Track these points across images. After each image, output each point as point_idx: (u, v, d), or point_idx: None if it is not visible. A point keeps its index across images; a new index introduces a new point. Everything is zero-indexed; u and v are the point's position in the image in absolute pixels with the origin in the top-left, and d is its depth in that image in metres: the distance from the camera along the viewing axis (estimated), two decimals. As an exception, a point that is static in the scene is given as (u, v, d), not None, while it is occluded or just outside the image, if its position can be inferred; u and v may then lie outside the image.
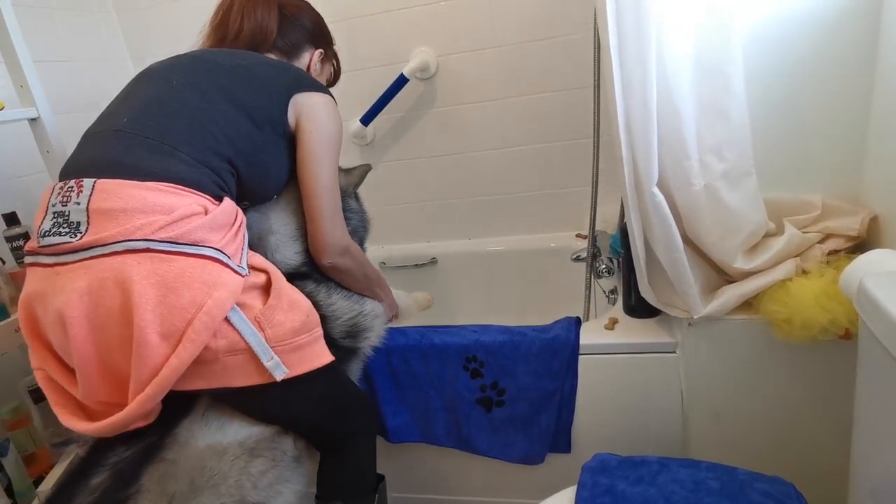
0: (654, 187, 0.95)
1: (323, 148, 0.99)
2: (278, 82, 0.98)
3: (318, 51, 1.16)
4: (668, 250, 0.99)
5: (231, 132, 0.90)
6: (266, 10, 1.08)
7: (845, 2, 0.93)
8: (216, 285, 0.77)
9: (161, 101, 0.89)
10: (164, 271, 0.74)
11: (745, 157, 0.98)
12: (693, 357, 1.08)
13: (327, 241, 0.99)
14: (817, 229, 1.02)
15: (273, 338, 0.83)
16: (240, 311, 0.81)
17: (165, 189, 0.80)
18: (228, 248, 0.83)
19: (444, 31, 1.67)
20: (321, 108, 1.00)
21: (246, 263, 0.87)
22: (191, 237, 0.78)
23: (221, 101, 0.91)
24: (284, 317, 0.85)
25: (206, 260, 0.78)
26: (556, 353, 1.15)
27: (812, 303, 0.93)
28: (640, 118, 0.92)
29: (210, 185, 0.86)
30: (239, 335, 0.80)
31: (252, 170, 0.94)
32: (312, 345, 0.89)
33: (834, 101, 0.99)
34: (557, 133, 1.70)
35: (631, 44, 0.90)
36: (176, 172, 0.82)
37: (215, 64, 0.96)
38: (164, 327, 0.74)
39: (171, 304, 0.74)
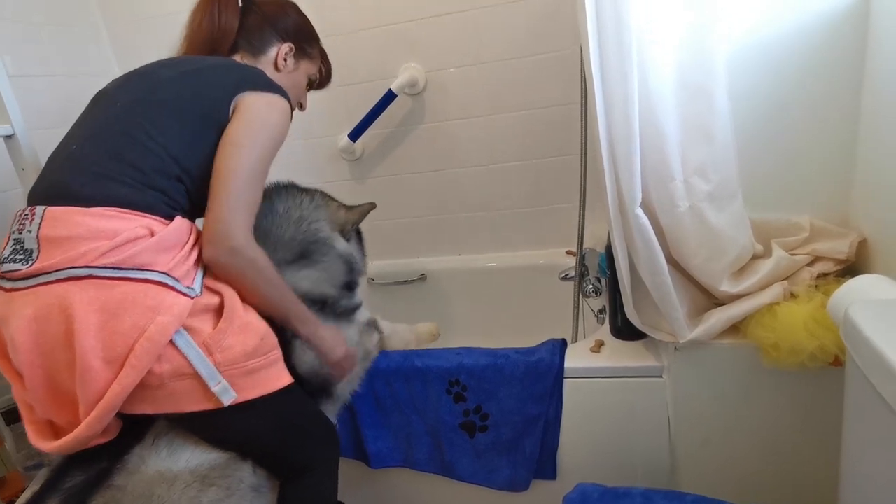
0: (637, 208, 0.93)
1: (247, 132, 0.90)
2: (224, 84, 0.94)
3: (287, 44, 1.09)
4: (653, 273, 0.96)
5: (177, 148, 0.88)
6: (224, 8, 1.04)
7: (832, 22, 0.92)
8: (159, 310, 0.77)
9: (107, 124, 0.90)
10: (106, 297, 0.75)
11: (731, 179, 0.95)
12: (680, 382, 1.06)
13: (217, 230, 0.86)
14: (806, 252, 1.00)
15: (223, 362, 0.81)
16: (187, 334, 0.80)
17: (110, 214, 0.81)
18: (178, 270, 0.82)
19: (433, 47, 1.66)
20: (261, 100, 0.93)
21: (199, 284, 0.85)
22: (135, 261, 0.78)
23: (166, 117, 0.89)
24: (235, 340, 0.83)
25: (149, 284, 0.78)
26: (540, 377, 1.12)
27: (800, 328, 0.91)
28: (623, 138, 0.90)
29: (158, 205, 0.86)
30: (185, 359, 0.79)
31: (201, 183, 0.90)
32: (268, 368, 0.87)
33: (822, 121, 0.98)
34: (547, 149, 1.68)
35: (613, 63, 0.88)
36: (121, 196, 0.83)
37: (161, 77, 0.94)
38: (107, 352, 0.75)
39: (113, 330, 0.75)
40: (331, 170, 1.86)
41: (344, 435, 1.23)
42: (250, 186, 0.90)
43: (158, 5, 1.79)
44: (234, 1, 1.06)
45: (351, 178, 1.88)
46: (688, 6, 0.89)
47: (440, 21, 1.63)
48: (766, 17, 0.93)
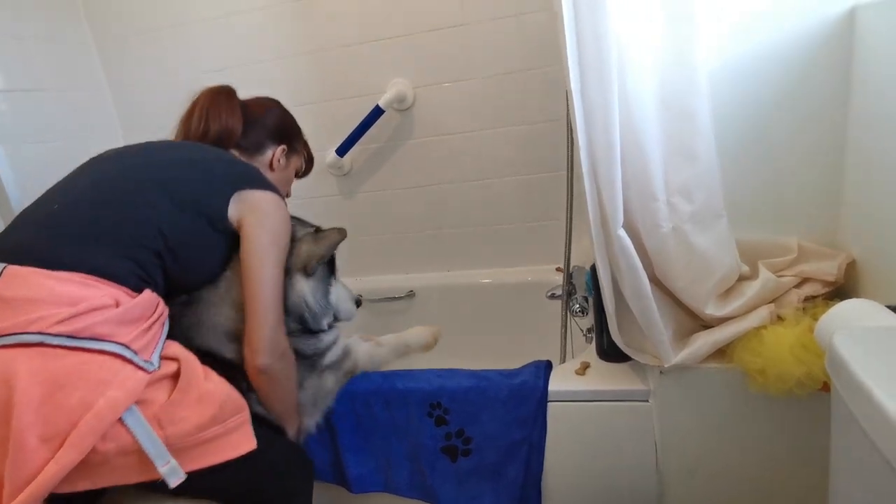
0: (619, 229, 0.91)
1: (266, 246, 0.93)
2: (222, 177, 0.96)
3: (280, 147, 1.16)
4: (637, 296, 0.94)
5: (162, 225, 0.88)
6: (230, 112, 1.09)
7: (816, 40, 0.90)
8: (112, 384, 0.72)
9: (94, 190, 0.90)
10: (53, 367, 0.70)
11: (715, 199, 0.93)
12: (666, 406, 1.03)
13: (267, 343, 0.90)
14: (793, 273, 0.98)
15: (174, 435, 0.76)
16: (137, 411, 0.74)
17: (77, 280, 0.77)
18: (137, 343, 0.78)
19: (423, 63, 1.65)
20: (266, 204, 0.97)
21: (158, 357, 0.81)
22: (93, 331, 0.74)
23: (157, 194, 0.90)
24: (190, 411, 0.78)
25: (105, 356, 0.74)
26: (523, 400, 1.09)
27: (787, 354, 0.88)
28: (605, 159, 0.88)
29: (129, 276, 0.83)
30: (132, 438, 0.73)
31: (183, 264, 0.91)
32: (227, 435, 0.82)
33: (809, 140, 0.96)
34: (536, 165, 1.67)
35: (593, 82, 0.87)
36: (92, 263, 0.80)
37: (161, 155, 0.97)
38: (47, 429, 0.68)
39: (58, 404, 0.69)
40: (319, 185, 1.84)
41: (324, 458, 1.20)
42: (276, 292, 0.93)
43: (146, 21, 1.79)
44: (237, 107, 1.11)
45: (339, 194, 1.86)
46: (668, 25, 0.88)
47: (430, 37, 1.62)
48: (749, 35, 0.92)
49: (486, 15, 1.57)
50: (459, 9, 1.58)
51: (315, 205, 1.87)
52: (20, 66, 1.60)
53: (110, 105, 1.90)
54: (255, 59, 1.76)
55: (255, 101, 1.18)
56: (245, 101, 1.15)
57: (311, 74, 1.74)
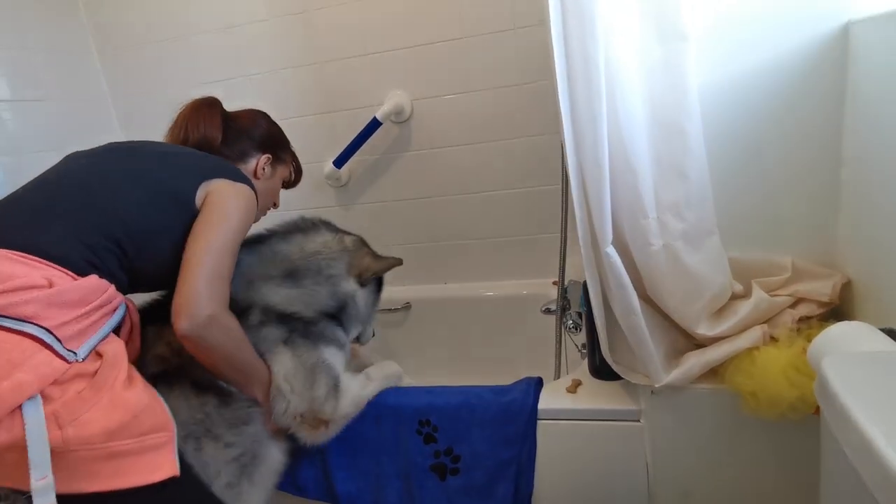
0: (608, 247, 0.90)
1: (218, 216, 0.93)
2: (195, 167, 0.99)
3: (265, 156, 1.18)
4: (626, 314, 0.92)
5: (127, 214, 0.88)
6: (209, 122, 1.12)
7: (810, 56, 0.89)
8: (22, 366, 0.68)
9: (60, 178, 0.91)
10: None
11: (707, 217, 0.92)
12: (658, 427, 1.01)
13: (191, 302, 0.84)
14: (787, 293, 0.96)
15: (75, 439, 0.69)
16: (40, 405, 0.68)
17: (14, 258, 0.76)
18: (65, 330, 0.74)
19: (421, 75, 1.65)
20: (231, 189, 0.98)
21: (87, 349, 0.76)
22: (17, 310, 0.71)
23: (125, 182, 0.91)
24: (99, 414, 0.71)
25: (24, 337, 0.70)
26: (513, 418, 1.07)
27: (779, 376, 0.86)
28: (593, 176, 0.87)
29: (76, 259, 0.81)
30: (23, 433, 0.66)
31: (146, 253, 0.90)
32: (143, 454, 0.74)
33: (803, 158, 0.94)
34: (533, 178, 1.66)
35: (581, 98, 0.86)
36: (36, 244, 0.79)
37: (135, 150, 0.99)
38: None
39: None
40: (316, 196, 1.84)
41: (314, 475, 1.19)
42: (222, 259, 0.90)
43: (148, 32, 1.81)
44: (218, 117, 1.13)
45: (337, 205, 1.86)
46: (659, 42, 0.87)
47: (428, 49, 1.63)
48: (741, 51, 0.91)
49: (484, 28, 1.57)
50: (458, 22, 1.58)
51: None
52: (23, 75, 1.62)
53: (112, 114, 1.91)
54: (255, 71, 1.77)
55: (241, 113, 1.20)
56: (231, 113, 1.18)
57: (309, 86, 1.74)
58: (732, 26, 0.90)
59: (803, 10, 0.87)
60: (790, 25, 0.88)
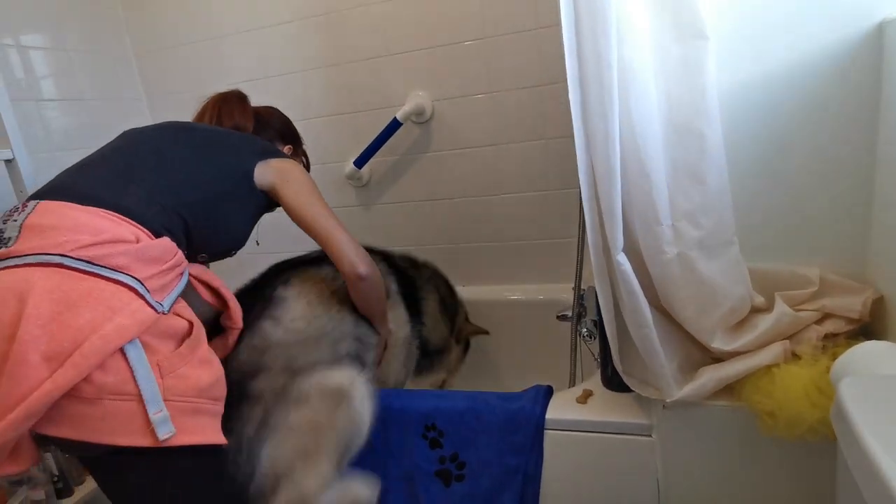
0: (619, 254, 0.86)
1: (305, 194, 1.05)
2: (248, 147, 1.08)
3: (287, 146, 1.27)
4: (637, 324, 0.89)
5: (195, 183, 0.95)
6: (241, 112, 1.19)
7: (841, 58, 0.83)
8: (121, 312, 0.72)
9: (130, 147, 0.99)
10: (69, 287, 0.71)
11: (725, 225, 0.87)
12: (669, 443, 0.96)
13: (357, 256, 1.04)
14: (813, 308, 0.90)
15: (172, 389, 0.74)
16: (141, 347, 0.73)
17: (104, 215, 0.81)
18: (152, 282, 0.79)
19: (441, 76, 1.64)
20: (291, 165, 1.09)
21: (170, 304, 0.82)
22: (111, 261, 0.76)
23: (192, 153, 0.99)
24: (192, 371, 0.77)
25: (119, 286, 0.75)
26: (520, 427, 1.05)
27: (800, 396, 0.81)
28: (604, 179, 0.84)
29: (153, 221, 0.87)
30: (130, 374, 0.71)
31: (205, 222, 0.96)
32: (213, 416, 0.81)
33: (833, 163, 0.89)
34: (553, 181, 1.63)
35: (593, 98, 0.83)
36: (121, 203, 0.84)
37: (192, 127, 1.09)
38: (50, 346, 0.67)
39: (65, 323, 0.69)
40: (338, 195, 1.86)
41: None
42: (338, 223, 1.05)
43: (183, 34, 1.86)
44: (249, 108, 1.22)
45: (358, 205, 1.87)
46: (677, 40, 0.83)
47: (450, 50, 1.62)
48: (766, 51, 0.86)
49: (507, 28, 1.55)
50: (480, 22, 1.57)
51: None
52: (62, 75, 1.69)
53: (146, 114, 1.98)
54: (282, 71, 1.80)
55: (262, 108, 1.28)
56: (254, 107, 1.25)
57: (331, 86, 1.76)
58: (757, 25, 0.85)
59: (834, 9, 0.82)
60: (820, 24, 0.82)
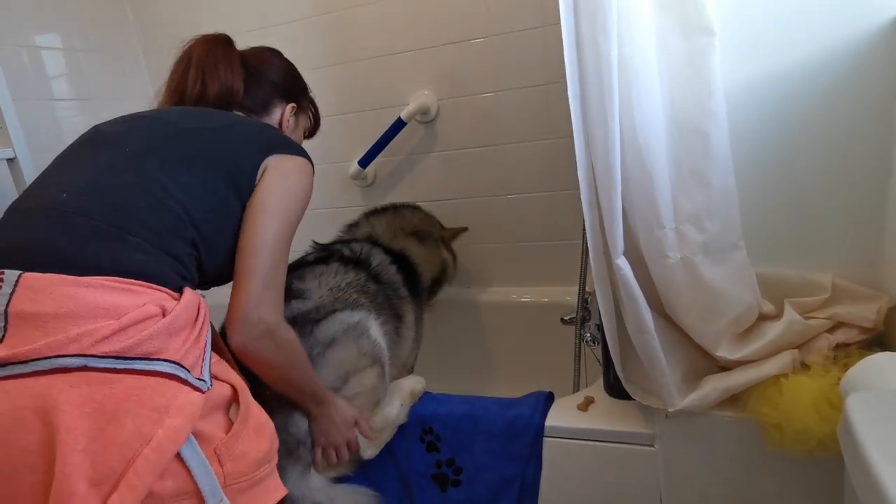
0: (619, 258, 0.83)
1: (277, 201, 0.82)
2: (249, 147, 0.85)
3: (290, 105, 1.04)
4: (638, 331, 0.86)
5: (196, 210, 0.76)
6: (228, 67, 0.95)
7: (855, 55, 0.79)
8: (170, 411, 0.60)
9: (113, 172, 0.75)
10: (103, 396, 0.58)
11: (731, 229, 0.84)
12: (672, 454, 0.93)
13: (247, 313, 0.77)
14: (825, 315, 0.86)
15: (232, 473, 0.65)
16: (195, 441, 0.62)
17: (113, 285, 0.64)
18: (189, 358, 0.66)
19: (446, 75, 1.62)
20: (290, 165, 0.87)
21: (209, 373, 0.69)
22: (143, 349, 0.62)
23: (183, 171, 0.77)
24: (250, 446, 0.67)
25: (160, 378, 0.62)
26: (518, 434, 1.02)
27: (809, 408, 0.77)
28: (604, 180, 0.81)
29: (171, 275, 0.71)
30: (189, 475, 0.60)
31: (216, 251, 0.80)
32: (272, 476, 0.72)
33: (846, 165, 0.85)
34: (560, 181, 1.59)
35: (593, 96, 0.81)
36: (128, 263, 0.67)
37: (177, 127, 0.83)
38: (97, 471, 0.56)
39: (109, 440, 0.57)
40: (343, 196, 1.85)
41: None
42: (280, 261, 0.82)
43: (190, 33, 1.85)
44: (237, 60, 0.98)
45: (363, 204, 1.85)
46: (681, 36, 0.80)
47: (455, 48, 1.59)
48: (774, 48, 0.82)
49: (513, 26, 1.52)
50: (486, 20, 1.54)
51: (339, 215, 1.86)
52: (72, 75, 1.70)
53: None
54: (287, 70, 1.79)
55: (254, 52, 1.03)
56: (244, 52, 1.01)
57: (336, 86, 1.75)
58: (766, 20, 0.82)
59: (845, 3, 0.78)
60: (831, 19, 0.79)
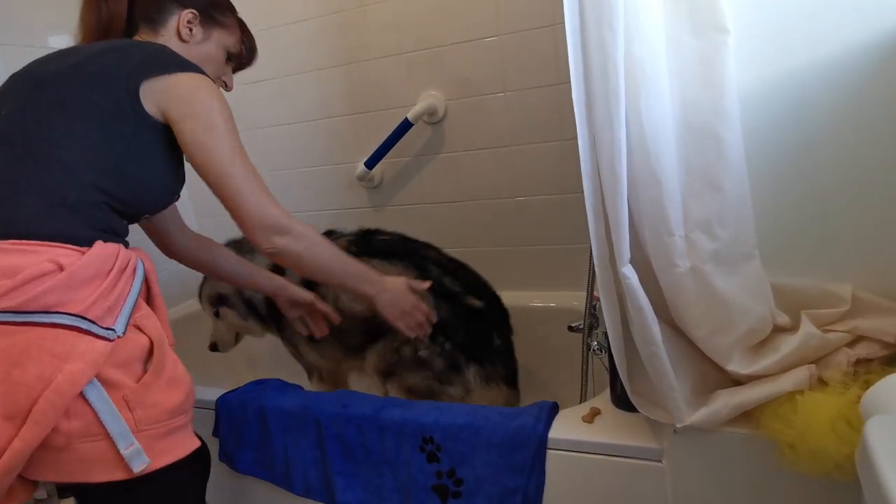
0: (625, 266, 0.80)
1: (206, 131, 0.82)
2: (122, 70, 0.81)
3: (186, 11, 0.95)
4: (645, 342, 0.82)
5: (88, 154, 0.77)
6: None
7: (876, 52, 0.75)
8: (69, 357, 0.68)
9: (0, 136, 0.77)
10: (7, 345, 0.67)
11: (745, 237, 0.80)
12: (681, 471, 0.89)
13: (256, 219, 0.83)
14: (844, 329, 0.81)
15: (143, 420, 0.73)
16: (101, 387, 0.71)
17: (6, 247, 0.71)
18: (96, 309, 0.72)
19: (454, 75, 1.60)
20: (181, 86, 0.83)
21: (124, 323, 0.75)
22: (41, 302, 0.68)
23: (66, 117, 0.77)
24: (161, 396, 0.75)
25: (58, 329, 0.69)
26: (520, 446, 0.99)
27: (826, 428, 0.73)
28: (610, 185, 0.78)
29: (71, 229, 0.74)
30: (95, 416, 0.70)
31: (129, 185, 0.81)
32: (186, 428, 0.79)
33: (866, 170, 0.80)
34: (570, 183, 1.55)
35: (598, 96, 0.77)
36: (21, 224, 0.72)
37: (44, 75, 0.82)
38: (8, 407, 0.67)
39: (15, 382, 0.67)
40: (350, 197, 1.83)
41: (315, 475, 1.16)
42: (250, 166, 0.85)
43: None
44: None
45: (370, 206, 1.84)
46: (693, 34, 0.76)
47: (463, 48, 1.57)
48: (794, 46, 0.78)
49: (522, 25, 1.49)
50: (495, 19, 1.51)
51: (345, 217, 1.86)
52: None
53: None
54: (294, 70, 1.78)
55: None
56: None
57: (345, 85, 1.73)
58: (784, 18, 0.77)
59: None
60: (851, 16, 0.74)
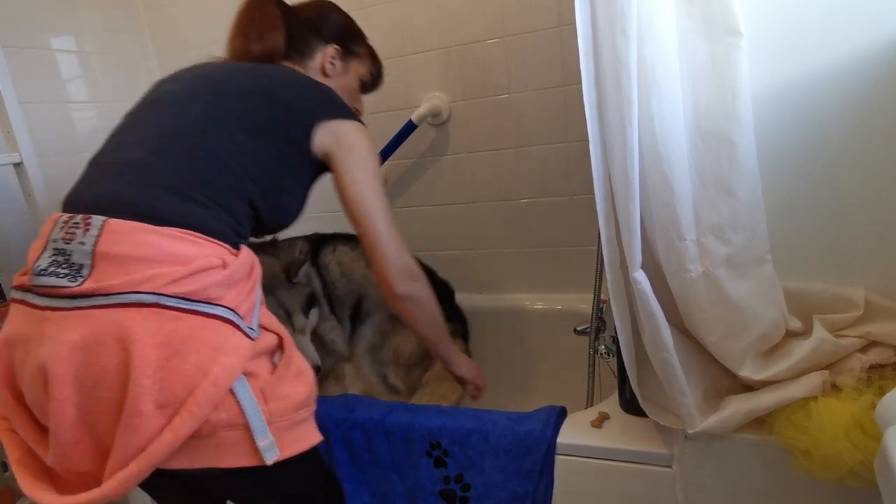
0: (637, 271, 0.79)
1: (362, 172, 0.93)
2: (303, 107, 0.91)
3: (331, 46, 1.06)
4: (656, 348, 0.81)
5: (256, 170, 0.84)
6: (267, 27, 1.00)
7: (891, 55, 0.74)
8: (225, 350, 0.68)
9: (178, 134, 0.82)
10: (170, 331, 0.66)
11: (757, 241, 0.79)
12: (692, 477, 0.88)
13: (396, 267, 0.94)
14: (857, 334, 0.81)
15: (275, 412, 0.72)
16: (245, 380, 0.71)
17: (182, 236, 0.72)
18: (242, 308, 0.74)
19: (459, 77, 1.59)
20: (350, 133, 0.94)
21: (257, 324, 0.77)
22: (206, 294, 0.70)
23: (241, 132, 0.84)
24: (291, 388, 0.75)
25: (217, 321, 0.70)
26: (528, 451, 0.99)
27: (839, 435, 0.72)
28: (622, 189, 0.77)
29: (229, 233, 0.79)
30: (240, 408, 0.69)
31: (271, 207, 0.88)
32: (310, 421, 0.79)
33: (879, 173, 0.79)
34: (576, 185, 1.55)
35: (610, 102, 0.76)
36: (193, 218, 0.75)
37: (235, 87, 0.89)
38: (163, 395, 0.65)
39: (174, 370, 0.65)
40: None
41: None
42: (390, 216, 0.96)
43: (203, 34, 1.85)
44: (277, 19, 1.01)
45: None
46: (705, 37, 0.76)
47: (469, 49, 1.56)
48: (807, 49, 0.77)
49: (527, 27, 1.48)
50: (500, 20, 1.50)
51: (349, 218, 1.85)
52: (84, 78, 1.70)
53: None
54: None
55: (305, 6, 1.09)
56: (293, 7, 1.07)
57: (348, 87, 1.72)
58: (798, 21, 0.77)
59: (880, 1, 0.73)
60: (865, 19, 0.73)
